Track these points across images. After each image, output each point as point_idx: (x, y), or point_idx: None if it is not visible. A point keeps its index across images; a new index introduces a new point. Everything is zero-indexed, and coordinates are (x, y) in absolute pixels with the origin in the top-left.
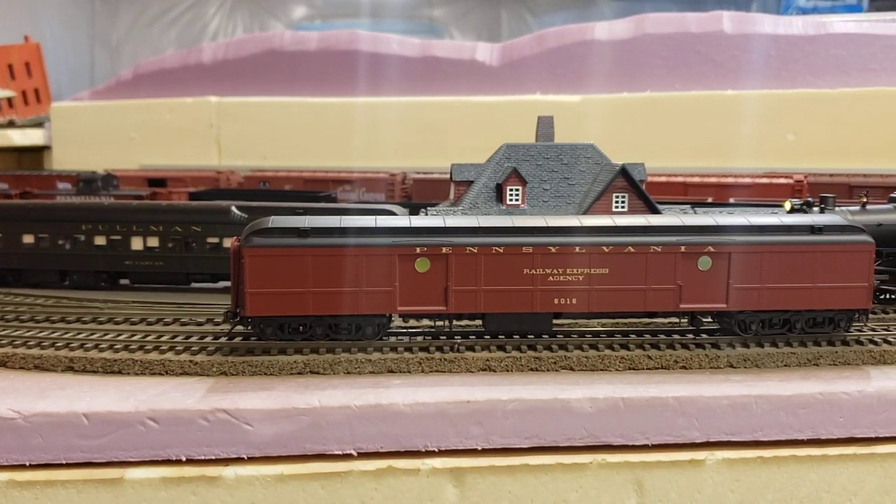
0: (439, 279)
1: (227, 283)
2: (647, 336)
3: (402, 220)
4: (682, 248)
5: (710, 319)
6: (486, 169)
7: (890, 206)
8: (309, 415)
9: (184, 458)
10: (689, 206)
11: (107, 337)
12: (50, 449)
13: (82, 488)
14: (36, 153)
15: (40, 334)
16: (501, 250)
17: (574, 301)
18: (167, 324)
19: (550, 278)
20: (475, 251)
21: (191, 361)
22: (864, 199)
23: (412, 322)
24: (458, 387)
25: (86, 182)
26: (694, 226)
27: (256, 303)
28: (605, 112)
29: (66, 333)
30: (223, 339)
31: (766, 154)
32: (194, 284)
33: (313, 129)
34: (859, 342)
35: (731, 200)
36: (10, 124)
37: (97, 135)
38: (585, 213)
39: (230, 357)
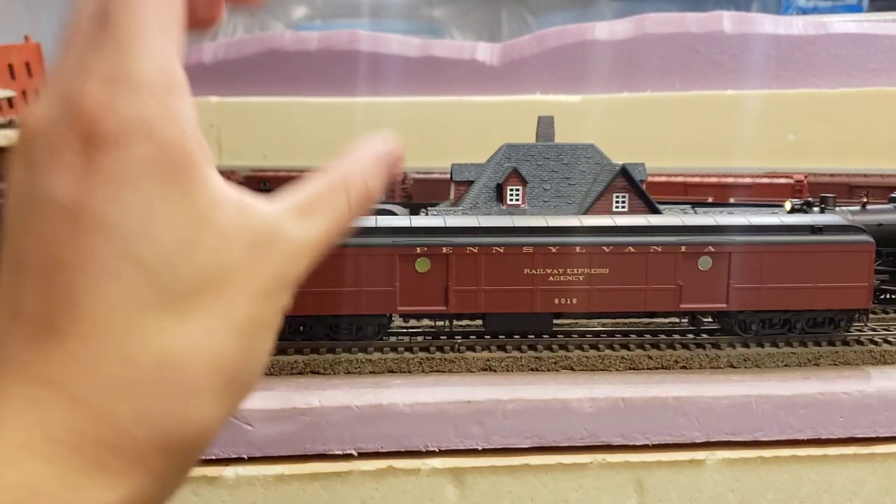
0: (440, 279)
1: None
2: (648, 336)
3: (402, 220)
4: (683, 248)
5: (710, 319)
6: (486, 169)
7: (890, 206)
8: (309, 415)
9: None
10: (689, 206)
11: None
12: None
13: None
14: None
15: None
16: (502, 250)
17: (574, 301)
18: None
19: (551, 278)
20: (475, 251)
21: None
22: (865, 199)
23: (412, 322)
24: (459, 387)
25: None
26: (694, 226)
27: None
28: (605, 112)
29: None
30: None
31: (766, 154)
32: None
33: (313, 129)
34: (859, 342)
35: (732, 200)
36: (10, 124)
37: None
38: (586, 213)
39: None
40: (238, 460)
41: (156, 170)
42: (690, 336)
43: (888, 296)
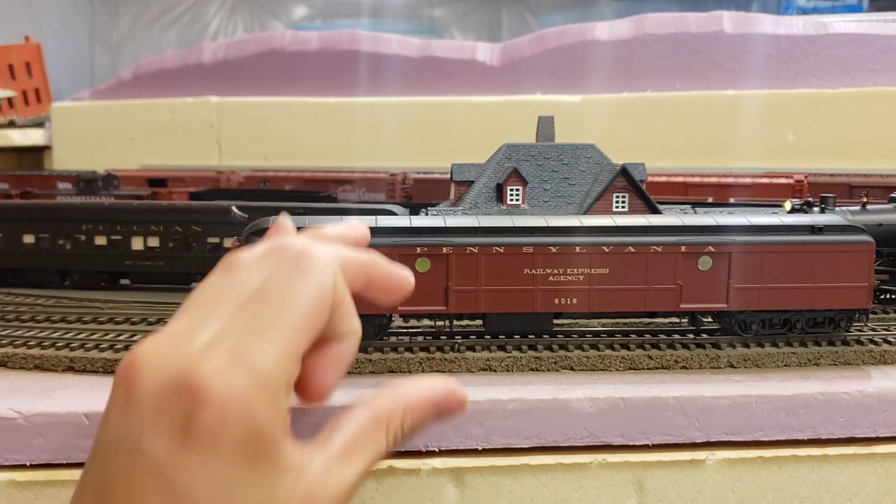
0: (440, 279)
1: None
2: (648, 336)
3: (402, 220)
4: (683, 248)
5: (710, 319)
6: (486, 169)
7: (890, 206)
8: (309, 415)
9: None
10: (689, 206)
11: (107, 337)
12: (50, 449)
13: None
14: (36, 153)
15: (41, 334)
16: (502, 250)
17: (574, 301)
18: (168, 324)
19: (551, 278)
20: (476, 251)
21: None
22: (865, 199)
23: (412, 322)
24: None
25: (86, 182)
26: (694, 226)
27: None
28: (605, 112)
29: (66, 333)
30: None
31: (766, 154)
32: (194, 284)
33: (313, 129)
34: (859, 342)
35: (732, 200)
36: (11, 124)
37: (97, 135)
38: (586, 213)
39: None
40: None
41: (244, 452)
42: (690, 336)
43: (888, 296)
